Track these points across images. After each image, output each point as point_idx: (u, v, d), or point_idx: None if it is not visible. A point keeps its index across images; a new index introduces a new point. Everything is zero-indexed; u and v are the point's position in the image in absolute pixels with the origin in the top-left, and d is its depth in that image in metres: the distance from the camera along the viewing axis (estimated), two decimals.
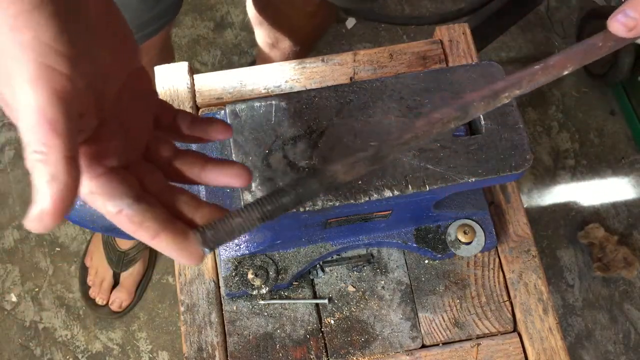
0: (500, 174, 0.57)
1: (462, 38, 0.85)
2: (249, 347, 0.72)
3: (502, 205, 0.78)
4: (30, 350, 1.54)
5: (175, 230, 0.38)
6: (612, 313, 1.63)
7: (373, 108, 0.59)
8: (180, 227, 0.39)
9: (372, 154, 0.41)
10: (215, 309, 0.73)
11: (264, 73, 0.82)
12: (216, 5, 1.89)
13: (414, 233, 0.73)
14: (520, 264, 0.75)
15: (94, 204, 0.37)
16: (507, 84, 0.40)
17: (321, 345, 0.72)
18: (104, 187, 0.36)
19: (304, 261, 0.72)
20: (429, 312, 0.74)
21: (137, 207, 0.37)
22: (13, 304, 1.58)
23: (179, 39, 1.85)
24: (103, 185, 0.36)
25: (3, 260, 1.61)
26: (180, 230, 0.38)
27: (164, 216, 0.38)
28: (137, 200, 0.37)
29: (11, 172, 1.69)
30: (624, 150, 1.79)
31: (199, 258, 0.39)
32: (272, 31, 1.24)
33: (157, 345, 1.56)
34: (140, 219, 0.37)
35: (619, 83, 1.77)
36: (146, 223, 0.37)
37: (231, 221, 0.40)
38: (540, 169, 1.76)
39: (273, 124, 0.59)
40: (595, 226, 1.65)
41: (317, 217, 0.63)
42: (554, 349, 0.72)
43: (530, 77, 0.39)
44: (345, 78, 0.82)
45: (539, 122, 1.81)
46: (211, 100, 0.81)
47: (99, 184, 0.36)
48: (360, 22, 1.88)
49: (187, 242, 0.38)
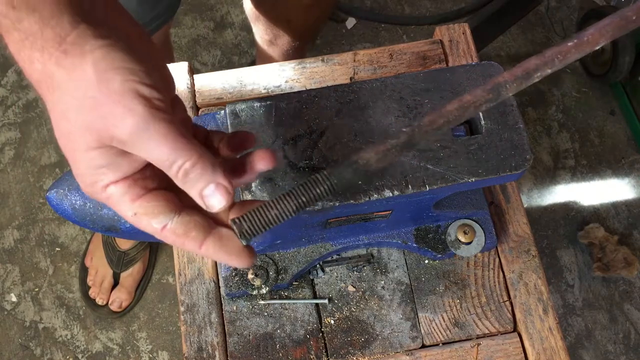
0: (500, 174, 0.57)
1: (462, 38, 0.85)
2: (249, 347, 0.72)
3: (502, 205, 0.78)
4: (30, 350, 1.54)
5: (219, 234, 0.40)
6: (612, 313, 1.63)
7: (373, 108, 0.59)
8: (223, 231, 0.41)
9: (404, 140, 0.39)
10: (215, 309, 0.73)
11: (264, 73, 0.82)
12: (216, 5, 1.89)
13: (414, 233, 0.73)
14: (520, 264, 0.75)
15: (140, 225, 0.39)
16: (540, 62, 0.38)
17: (321, 345, 0.72)
18: (146, 207, 0.39)
19: (304, 261, 0.72)
20: (429, 312, 0.74)
21: (179, 220, 0.39)
22: (13, 304, 1.58)
23: (179, 39, 1.85)
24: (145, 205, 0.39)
25: (3, 260, 1.61)
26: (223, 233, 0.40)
27: (205, 223, 0.40)
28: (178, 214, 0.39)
29: (11, 172, 1.68)
30: (624, 150, 1.79)
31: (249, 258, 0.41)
32: (269, 27, 1.24)
33: (157, 345, 1.56)
34: (184, 230, 0.39)
35: (619, 83, 1.77)
36: (191, 233, 0.39)
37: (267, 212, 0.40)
38: (540, 169, 1.76)
39: (273, 124, 0.59)
40: (595, 226, 1.65)
41: (317, 217, 0.63)
42: (554, 349, 0.72)
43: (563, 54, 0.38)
44: (345, 78, 0.82)
45: (539, 122, 1.81)
46: (211, 100, 0.81)
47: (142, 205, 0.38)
48: (360, 22, 1.88)
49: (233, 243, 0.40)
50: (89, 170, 0.38)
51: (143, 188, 0.39)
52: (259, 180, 0.56)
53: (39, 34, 0.35)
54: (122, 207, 0.39)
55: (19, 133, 1.72)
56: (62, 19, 0.35)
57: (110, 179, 0.38)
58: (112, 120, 0.35)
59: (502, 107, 0.59)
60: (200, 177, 0.37)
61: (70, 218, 0.64)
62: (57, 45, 0.35)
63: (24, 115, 1.74)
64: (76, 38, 0.35)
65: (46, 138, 1.71)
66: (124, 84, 0.35)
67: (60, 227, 1.64)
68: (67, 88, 0.36)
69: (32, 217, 1.64)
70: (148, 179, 0.39)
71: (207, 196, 0.38)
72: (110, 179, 0.38)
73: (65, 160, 1.69)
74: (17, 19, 0.35)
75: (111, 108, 0.35)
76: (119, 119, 0.35)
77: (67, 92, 0.36)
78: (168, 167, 0.37)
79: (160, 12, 0.91)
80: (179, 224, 0.39)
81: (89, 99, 0.35)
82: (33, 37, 0.35)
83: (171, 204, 0.39)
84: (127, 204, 0.39)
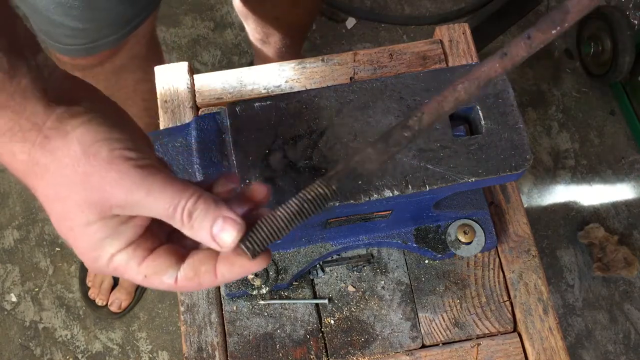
0: (500, 174, 0.57)
1: (462, 38, 0.85)
2: (249, 347, 0.72)
3: (502, 205, 0.78)
4: (30, 350, 1.54)
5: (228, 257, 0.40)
6: (612, 313, 1.63)
7: (373, 108, 0.59)
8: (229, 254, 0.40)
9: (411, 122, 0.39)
10: (215, 309, 0.73)
11: (264, 73, 0.82)
12: (216, 5, 1.89)
13: (414, 233, 0.73)
14: (520, 264, 0.75)
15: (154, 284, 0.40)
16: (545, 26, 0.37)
17: (321, 345, 0.72)
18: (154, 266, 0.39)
19: (304, 261, 0.72)
20: (429, 312, 0.74)
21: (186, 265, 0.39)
22: (13, 304, 1.58)
23: (179, 39, 1.85)
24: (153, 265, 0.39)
25: (3, 260, 1.61)
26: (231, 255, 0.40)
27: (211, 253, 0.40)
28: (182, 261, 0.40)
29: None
30: (624, 150, 1.79)
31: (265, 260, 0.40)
32: (259, 25, 1.25)
33: (157, 345, 1.56)
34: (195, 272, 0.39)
35: (619, 83, 1.77)
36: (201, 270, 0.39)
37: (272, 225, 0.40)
38: (540, 169, 1.76)
39: (273, 124, 0.59)
40: (595, 226, 1.65)
41: (317, 217, 0.63)
42: (554, 349, 0.72)
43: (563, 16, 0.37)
44: (345, 78, 0.82)
45: (539, 122, 1.81)
46: (211, 100, 0.81)
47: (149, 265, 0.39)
48: (360, 22, 1.88)
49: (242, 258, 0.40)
50: (91, 245, 0.38)
51: (146, 249, 0.39)
52: (259, 181, 0.56)
53: (16, 127, 0.36)
54: (131, 273, 0.39)
55: None
56: (36, 107, 0.36)
57: (115, 249, 0.38)
58: (107, 188, 0.36)
59: (502, 107, 0.59)
60: (206, 214, 0.37)
61: None
62: (37, 133, 0.36)
63: None
64: (54, 122, 0.36)
65: None
66: (112, 152, 0.36)
67: None
68: (56, 169, 0.36)
69: (32, 217, 1.64)
70: (148, 239, 0.40)
71: (217, 234, 0.37)
72: (115, 249, 0.38)
73: None
74: None
75: (104, 176, 0.36)
76: (114, 184, 0.36)
77: (57, 173, 0.37)
78: (172, 215, 0.37)
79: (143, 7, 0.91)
80: (188, 269, 0.40)
81: (80, 174, 0.36)
82: (10, 132, 0.36)
83: (175, 255, 0.40)
84: (135, 268, 0.39)
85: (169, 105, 0.80)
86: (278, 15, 1.22)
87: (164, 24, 1.85)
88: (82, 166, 0.36)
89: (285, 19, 1.23)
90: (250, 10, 1.21)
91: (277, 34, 1.26)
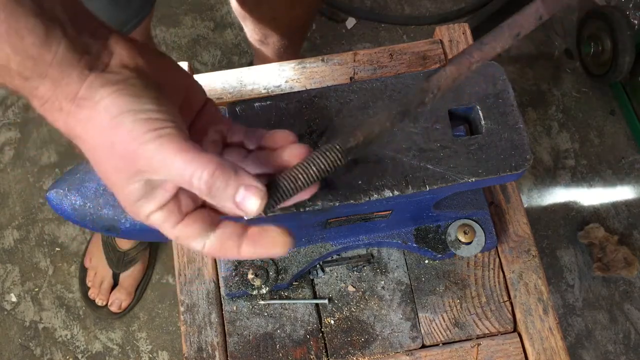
0: (500, 174, 0.57)
1: (462, 38, 0.85)
2: (249, 347, 0.72)
3: (502, 205, 0.78)
4: (30, 350, 1.54)
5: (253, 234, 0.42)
6: (612, 313, 1.63)
7: (373, 108, 0.59)
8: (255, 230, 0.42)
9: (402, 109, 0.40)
10: (215, 309, 0.73)
11: (264, 73, 0.82)
12: (216, 5, 1.89)
13: (414, 233, 0.73)
14: (520, 264, 0.75)
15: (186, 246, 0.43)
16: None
17: (321, 345, 0.72)
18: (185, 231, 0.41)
19: (304, 261, 0.72)
20: (429, 312, 0.74)
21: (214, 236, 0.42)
22: (13, 304, 1.58)
23: (179, 39, 1.85)
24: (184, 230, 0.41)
25: (3, 260, 1.61)
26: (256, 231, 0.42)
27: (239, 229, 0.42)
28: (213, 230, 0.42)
29: (11, 172, 1.68)
30: (624, 150, 1.79)
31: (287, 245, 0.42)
32: (257, 26, 1.26)
33: (157, 345, 1.56)
34: (221, 244, 0.42)
35: (619, 83, 1.77)
36: (227, 244, 0.42)
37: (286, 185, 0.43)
38: (540, 169, 1.76)
39: (273, 124, 0.59)
40: (595, 226, 1.65)
41: (317, 217, 0.63)
42: (554, 349, 0.72)
43: None
44: (345, 78, 0.82)
45: (539, 122, 1.81)
46: None
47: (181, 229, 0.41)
48: (360, 22, 1.88)
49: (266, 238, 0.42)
50: (129, 203, 0.41)
51: (179, 213, 0.41)
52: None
53: (54, 96, 0.38)
54: (166, 232, 0.42)
55: (19, 133, 1.72)
56: (71, 76, 0.38)
57: (150, 209, 0.41)
58: (132, 157, 0.38)
59: (502, 107, 0.59)
60: (226, 184, 0.39)
61: (70, 218, 0.64)
62: (71, 102, 0.38)
63: (24, 115, 1.74)
64: (86, 91, 0.38)
65: (46, 138, 1.71)
66: (134, 123, 0.38)
67: (60, 227, 1.64)
68: (88, 139, 0.39)
69: (32, 217, 1.64)
70: (182, 203, 0.42)
71: (240, 203, 0.39)
72: (150, 209, 0.41)
73: (65, 160, 1.69)
74: (33, 87, 0.38)
75: (128, 147, 0.38)
76: (137, 154, 0.38)
77: (90, 143, 0.40)
78: (190, 184, 0.39)
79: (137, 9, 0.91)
80: (215, 239, 0.42)
81: (108, 142, 0.39)
82: (50, 101, 0.38)
83: (206, 223, 0.42)
84: (169, 230, 0.42)
85: None
86: (276, 16, 1.22)
87: (164, 24, 1.85)
88: (108, 136, 0.38)
89: (283, 19, 1.23)
90: (248, 12, 1.21)
91: (275, 34, 1.27)
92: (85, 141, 0.40)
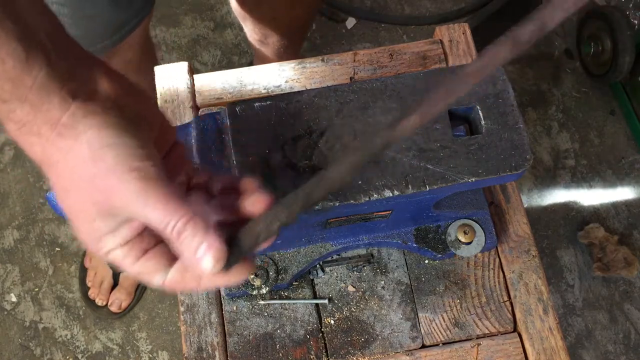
0: (500, 174, 0.57)
1: (462, 38, 0.85)
2: (249, 347, 0.72)
3: (502, 205, 0.78)
4: (30, 350, 1.54)
5: None
6: (612, 313, 1.63)
7: (373, 108, 0.59)
8: None
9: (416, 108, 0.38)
10: (215, 309, 0.73)
11: (264, 73, 0.82)
12: (216, 5, 1.89)
13: (414, 233, 0.73)
14: (520, 264, 0.75)
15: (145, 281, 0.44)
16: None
17: (321, 345, 0.72)
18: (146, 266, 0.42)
19: (304, 261, 0.72)
20: (429, 312, 0.74)
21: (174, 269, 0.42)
22: (13, 304, 1.58)
23: (179, 39, 1.85)
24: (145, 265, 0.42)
25: (3, 260, 1.61)
26: None
27: None
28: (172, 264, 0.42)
29: (11, 172, 1.68)
30: (624, 150, 1.79)
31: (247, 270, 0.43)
32: (257, 26, 1.26)
33: (157, 345, 1.56)
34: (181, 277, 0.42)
35: (619, 83, 1.77)
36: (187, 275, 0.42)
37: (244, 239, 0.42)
38: (540, 169, 1.76)
39: (273, 124, 0.59)
40: (595, 226, 1.65)
41: (317, 217, 0.63)
42: (554, 349, 0.72)
43: None
44: (345, 78, 0.82)
45: (539, 122, 1.81)
46: (211, 100, 0.81)
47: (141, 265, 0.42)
48: (360, 22, 1.88)
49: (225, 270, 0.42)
50: (93, 239, 0.41)
51: (141, 249, 0.42)
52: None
53: (33, 121, 0.37)
54: (125, 268, 0.42)
55: None
56: (52, 102, 0.37)
57: (112, 245, 0.41)
58: (109, 193, 0.38)
59: (502, 107, 0.59)
60: (193, 237, 0.39)
61: None
62: (51, 129, 0.38)
63: None
64: (68, 119, 0.38)
65: None
66: (116, 158, 0.38)
67: (60, 227, 1.64)
68: (65, 168, 0.39)
69: (32, 217, 1.64)
70: (145, 240, 0.42)
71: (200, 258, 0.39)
72: (113, 245, 0.41)
73: None
74: (10, 110, 0.37)
75: (107, 182, 0.38)
76: (115, 191, 0.38)
77: (66, 172, 0.39)
78: (164, 229, 0.39)
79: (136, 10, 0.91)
80: (175, 273, 0.42)
81: (87, 175, 0.38)
82: (29, 125, 0.38)
83: (166, 258, 0.42)
84: (129, 265, 0.42)
85: (169, 105, 0.80)
86: (276, 16, 1.22)
87: (164, 24, 1.85)
88: (88, 168, 0.38)
89: (283, 19, 1.23)
90: (248, 12, 1.21)
91: (275, 34, 1.27)
92: (62, 170, 0.39)
